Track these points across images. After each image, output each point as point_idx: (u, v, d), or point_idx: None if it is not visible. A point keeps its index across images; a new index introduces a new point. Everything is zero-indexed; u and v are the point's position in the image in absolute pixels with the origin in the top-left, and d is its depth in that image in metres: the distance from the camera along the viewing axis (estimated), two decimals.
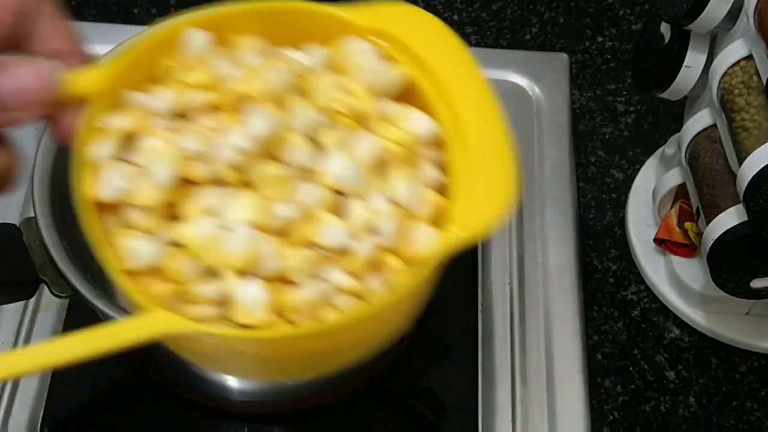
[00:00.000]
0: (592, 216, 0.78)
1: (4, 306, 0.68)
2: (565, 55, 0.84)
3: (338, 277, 0.35)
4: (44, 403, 0.65)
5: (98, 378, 0.65)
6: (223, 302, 0.35)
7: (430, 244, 0.35)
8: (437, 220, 0.36)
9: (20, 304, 0.69)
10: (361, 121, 0.37)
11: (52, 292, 0.57)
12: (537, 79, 0.82)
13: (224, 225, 0.34)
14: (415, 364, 0.66)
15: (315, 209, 0.35)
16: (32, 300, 0.69)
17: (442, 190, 0.37)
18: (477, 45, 0.87)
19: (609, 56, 0.88)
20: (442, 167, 0.37)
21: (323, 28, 0.39)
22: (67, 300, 0.67)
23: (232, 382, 0.60)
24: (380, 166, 0.36)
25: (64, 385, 0.65)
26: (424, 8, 0.39)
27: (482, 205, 0.35)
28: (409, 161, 0.37)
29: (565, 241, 0.73)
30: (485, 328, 0.69)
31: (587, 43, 0.89)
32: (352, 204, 0.35)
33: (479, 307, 0.70)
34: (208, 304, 0.34)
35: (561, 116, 0.80)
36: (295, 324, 0.34)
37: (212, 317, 0.35)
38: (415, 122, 0.37)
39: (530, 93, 0.81)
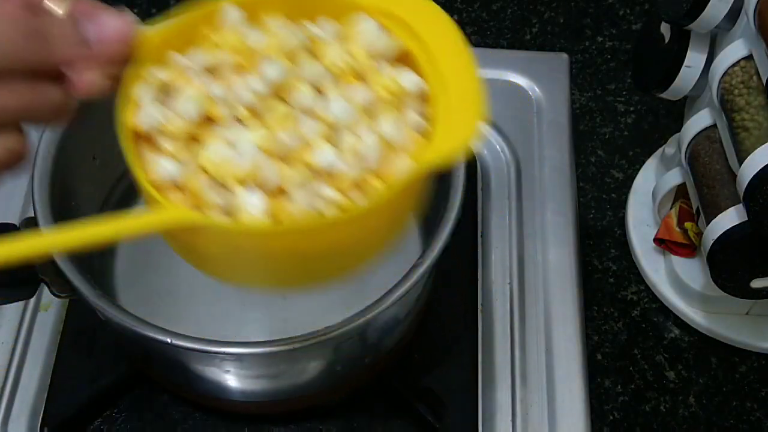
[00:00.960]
0: (592, 216, 0.78)
1: (4, 306, 0.68)
2: (565, 55, 0.84)
3: (328, 192, 0.42)
4: (44, 403, 0.65)
5: (98, 378, 0.65)
6: (230, 212, 0.41)
7: (407, 170, 0.42)
8: (417, 157, 0.43)
9: (20, 304, 0.69)
10: (359, 77, 0.44)
11: (52, 292, 0.57)
12: (537, 79, 0.82)
13: (236, 148, 0.42)
14: (415, 364, 0.66)
15: (313, 139, 0.42)
16: (32, 300, 0.69)
17: (423, 134, 0.44)
18: (477, 45, 0.87)
19: (609, 56, 0.88)
20: (426, 117, 0.45)
21: (337, 8, 0.46)
22: (67, 300, 0.67)
23: (232, 382, 0.60)
24: (372, 110, 0.44)
25: (64, 385, 0.65)
26: None
27: (451, 138, 0.43)
28: (397, 108, 0.44)
29: (565, 241, 0.73)
30: (485, 328, 0.69)
31: (587, 43, 0.89)
32: (344, 135, 0.42)
33: (479, 307, 0.70)
34: (218, 210, 0.41)
35: (561, 116, 0.80)
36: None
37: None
38: (405, 78, 0.44)
39: (530, 93, 0.81)
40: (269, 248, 0.42)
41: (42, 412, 0.65)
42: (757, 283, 0.62)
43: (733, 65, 0.60)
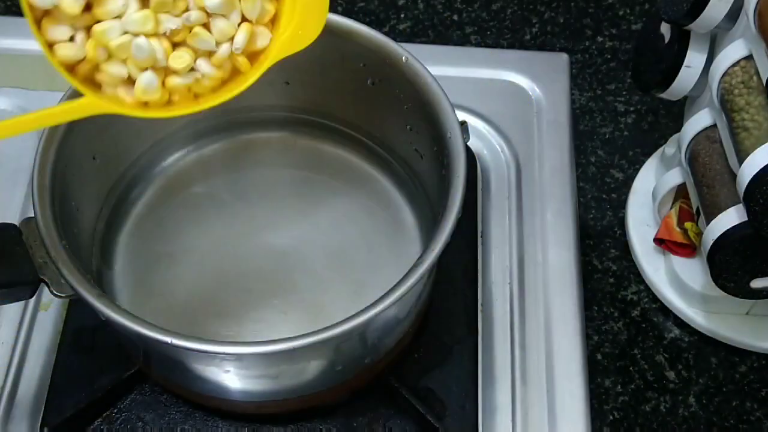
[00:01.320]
0: (592, 216, 0.78)
1: (4, 306, 0.68)
2: (565, 55, 0.84)
3: (207, 68, 0.51)
4: (44, 403, 0.65)
5: (98, 378, 0.65)
6: (125, 81, 0.50)
7: (266, 44, 0.52)
8: (274, 20, 0.53)
9: (20, 304, 0.69)
10: None
11: (52, 292, 0.57)
12: (537, 79, 0.82)
13: (130, 32, 0.49)
14: (415, 364, 0.66)
15: (193, 24, 0.50)
16: (32, 300, 0.69)
17: (282, 9, 0.53)
18: (477, 45, 0.87)
19: (609, 56, 0.88)
20: None
21: None
22: (67, 300, 0.67)
23: (232, 382, 0.60)
24: None
25: (64, 385, 0.65)
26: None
27: (303, 30, 0.52)
28: None
29: (565, 241, 0.73)
30: (485, 328, 0.69)
31: (587, 43, 0.89)
32: (217, 20, 0.51)
33: (479, 307, 0.70)
34: (114, 79, 0.50)
35: (561, 116, 0.80)
36: (174, 100, 0.52)
37: (122, 92, 0.51)
38: None
39: (530, 93, 0.81)
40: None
41: (42, 412, 0.65)
42: (757, 283, 0.62)
43: (733, 65, 0.60)
